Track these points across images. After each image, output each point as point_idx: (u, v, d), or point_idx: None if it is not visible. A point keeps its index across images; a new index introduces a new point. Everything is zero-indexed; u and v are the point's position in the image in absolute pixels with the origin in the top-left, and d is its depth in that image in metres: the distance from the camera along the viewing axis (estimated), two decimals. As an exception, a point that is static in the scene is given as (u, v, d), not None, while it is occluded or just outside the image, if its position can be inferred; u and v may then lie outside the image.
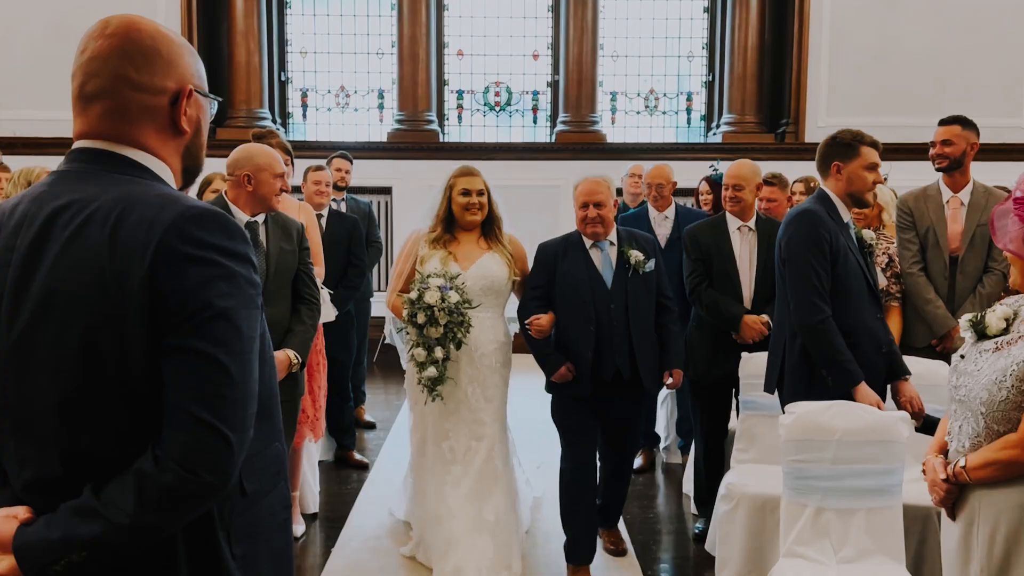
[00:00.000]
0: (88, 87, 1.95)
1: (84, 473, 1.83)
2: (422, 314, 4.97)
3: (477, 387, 5.27)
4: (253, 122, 11.80)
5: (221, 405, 1.80)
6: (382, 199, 11.99)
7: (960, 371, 3.26)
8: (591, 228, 5.11)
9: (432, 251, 5.30)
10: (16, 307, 1.84)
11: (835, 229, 4.56)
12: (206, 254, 1.82)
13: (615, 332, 5.09)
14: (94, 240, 1.80)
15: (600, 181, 5.12)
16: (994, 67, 11.86)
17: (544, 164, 12.08)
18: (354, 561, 5.44)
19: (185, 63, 2.02)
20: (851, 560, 3.96)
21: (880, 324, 4.66)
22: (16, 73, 11.58)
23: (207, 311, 1.80)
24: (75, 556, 1.76)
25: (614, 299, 5.11)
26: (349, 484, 6.93)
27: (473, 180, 5.31)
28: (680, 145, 12.56)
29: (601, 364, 5.10)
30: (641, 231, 5.54)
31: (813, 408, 4.12)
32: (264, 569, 2.06)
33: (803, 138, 12.01)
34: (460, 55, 12.92)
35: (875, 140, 4.63)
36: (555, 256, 5.21)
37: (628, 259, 5.13)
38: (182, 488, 1.77)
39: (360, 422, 8.33)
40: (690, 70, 13.05)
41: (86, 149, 1.97)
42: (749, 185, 5.74)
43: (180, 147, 2.05)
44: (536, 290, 5.24)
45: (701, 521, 5.96)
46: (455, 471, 5.24)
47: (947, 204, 5.76)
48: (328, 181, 7.18)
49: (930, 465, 3.36)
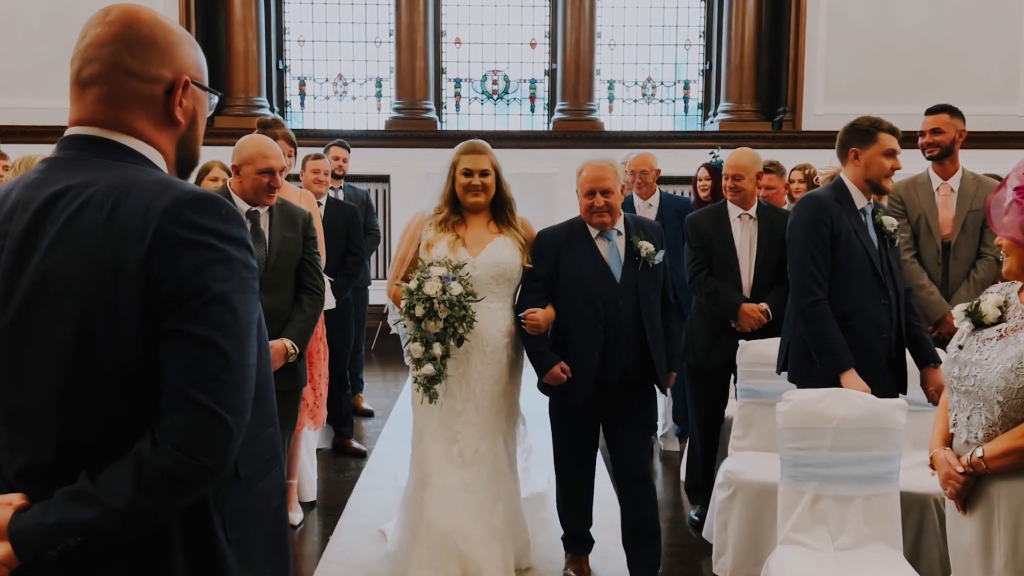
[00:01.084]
0: (85, 72, 1.95)
1: (79, 460, 1.82)
2: (420, 306, 4.56)
3: (487, 384, 4.87)
4: (251, 111, 11.80)
5: (219, 389, 1.79)
6: (380, 187, 12.00)
7: (963, 362, 3.24)
8: (598, 218, 4.73)
9: (439, 234, 4.87)
10: (9, 293, 1.84)
11: (839, 214, 4.60)
12: (203, 238, 1.82)
13: (624, 330, 4.69)
14: (90, 225, 1.80)
15: (606, 166, 4.74)
16: (991, 55, 11.87)
17: (542, 152, 12.08)
18: (352, 549, 5.44)
19: (184, 54, 2.02)
20: (848, 547, 3.97)
21: (885, 310, 4.64)
22: (14, 61, 11.58)
23: (204, 295, 1.79)
24: (71, 541, 1.76)
25: (623, 294, 4.71)
26: (347, 472, 6.93)
27: (477, 159, 4.87)
28: (677, 133, 12.59)
29: (607, 366, 4.71)
30: (647, 219, 5.21)
31: (810, 396, 4.13)
32: (258, 554, 2.06)
33: (800, 126, 12.02)
34: (458, 43, 12.92)
35: (894, 127, 4.65)
36: (558, 246, 4.81)
37: (638, 250, 4.73)
38: (180, 471, 1.77)
39: (358, 410, 8.33)
40: (687, 58, 13.07)
41: (80, 136, 1.97)
42: (749, 174, 5.75)
43: (175, 138, 2.05)
44: (538, 282, 4.82)
45: (695, 509, 5.98)
46: (467, 477, 4.82)
47: (937, 191, 5.79)
48: (326, 169, 7.18)
49: (941, 458, 3.31)
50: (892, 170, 4.63)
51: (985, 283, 5.54)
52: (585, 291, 4.71)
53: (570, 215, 4.95)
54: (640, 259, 4.74)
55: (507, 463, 5.01)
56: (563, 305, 4.80)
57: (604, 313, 4.69)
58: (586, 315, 4.71)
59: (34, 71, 11.30)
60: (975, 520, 3.22)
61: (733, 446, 5.43)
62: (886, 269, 4.66)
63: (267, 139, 4.95)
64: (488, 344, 4.84)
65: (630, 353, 4.72)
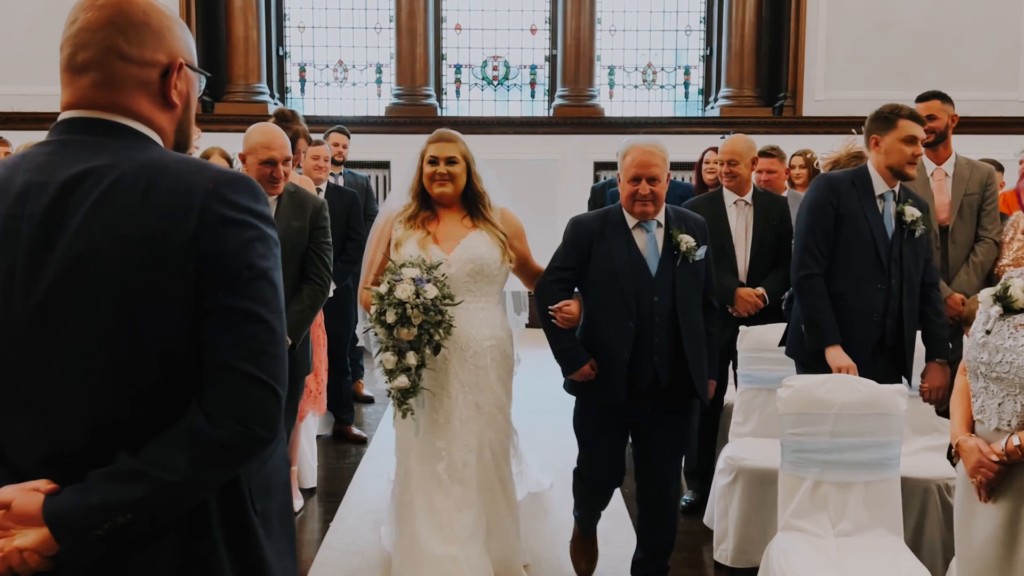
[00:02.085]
0: (78, 58, 1.93)
1: (110, 442, 1.82)
2: (392, 312, 4.13)
3: (470, 393, 4.48)
4: (251, 97, 11.80)
5: (268, 361, 1.85)
6: (380, 173, 11.99)
7: (994, 347, 3.20)
8: (640, 207, 4.32)
9: (408, 232, 4.53)
10: (33, 277, 1.82)
11: (850, 196, 4.69)
12: (242, 217, 1.86)
13: (656, 329, 4.31)
14: (125, 205, 1.80)
15: (655, 151, 4.31)
16: (991, 40, 11.83)
17: (542, 138, 12.06)
18: (352, 535, 5.45)
19: (176, 37, 2.01)
20: (849, 533, 3.96)
21: (881, 294, 4.66)
22: (14, 48, 11.55)
23: (250, 272, 1.84)
24: (120, 519, 1.76)
25: (658, 290, 4.33)
26: (347, 459, 6.94)
27: (444, 147, 4.53)
28: (678, 119, 12.56)
29: (637, 367, 4.34)
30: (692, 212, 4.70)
31: (810, 381, 4.13)
32: (275, 526, 2.08)
33: (801, 112, 11.99)
34: (458, 29, 12.89)
35: (916, 113, 4.69)
36: (591, 235, 4.42)
37: (677, 244, 4.34)
38: (237, 443, 1.82)
39: (358, 396, 8.34)
40: (688, 44, 13.03)
41: (82, 119, 1.95)
42: (744, 160, 5.81)
43: (174, 121, 2.05)
44: (563, 272, 4.47)
45: (689, 493, 6.00)
46: (457, 495, 4.45)
47: (931, 176, 5.80)
48: (326, 156, 7.17)
49: (971, 446, 3.26)
50: (914, 156, 4.64)
51: (984, 266, 5.58)
52: (617, 284, 4.33)
53: (570, 200, 4.86)
54: (679, 254, 4.36)
55: (499, 476, 4.62)
56: (593, 298, 4.44)
57: (636, 309, 4.32)
58: (617, 310, 4.34)
59: (35, 58, 11.26)
60: (1001, 507, 3.19)
61: (734, 432, 5.43)
62: (895, 256, 4.67)
63: (274, 129, 4.92)
64: (468, 348, 4.47)
65: (662, 355, 4.33)
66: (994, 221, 5.66)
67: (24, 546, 1.77)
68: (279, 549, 2.08)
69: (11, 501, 1.79)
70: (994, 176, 5.93)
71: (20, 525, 1.78)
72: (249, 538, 1.98)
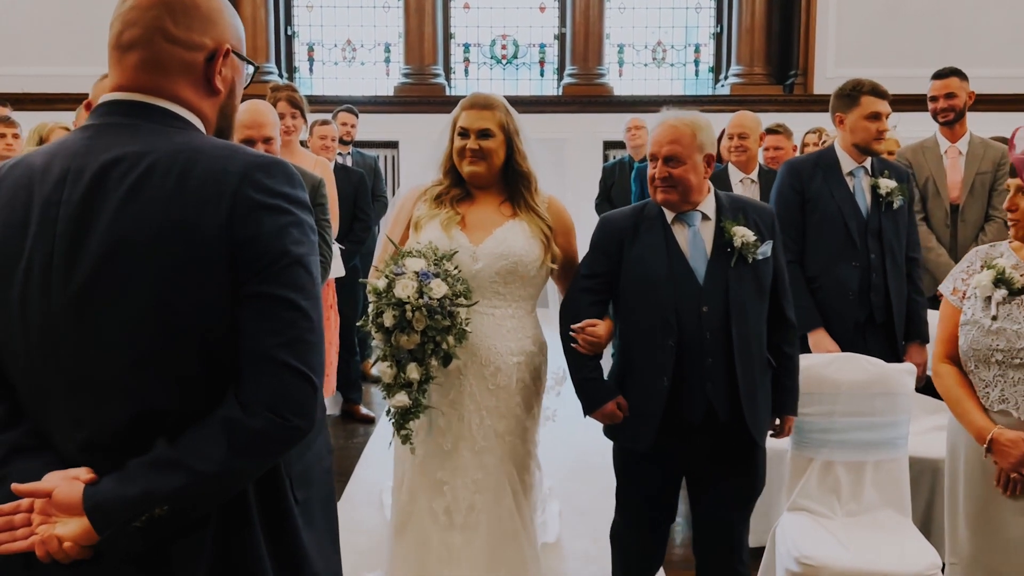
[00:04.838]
0: (125, 36, 1.93)
1: (151, 429, 1.82)
2: (390, 313, 3.36)
3: (489, 418, 3.65)
4: (260, 77, 11.73)
5: (305, 350, 1.84)
6: (388, 153, 11.96)
7: (1011, 333, 3.14)
8: (662, 195, 3.49)
9: (433, 211, 3.71)
10: (73, 262, 1.81)
11: (813, 177, 4.69)
12: (277, 202, 1.85)
13: (709, 350, 3.42)
14: (159, 191, 1.80)
15: (677, 125, 3.46)
16: (1002, 17, 11.74)
17: (551, 117, 11.97)
18: (360, 515, 5.45)
19: (225, 22, 2.01)
20: (857, 513, 3.96)
21: (855, 272, 4.64)
22: (23, 29, 11.51)
23: (285, 258, 1.83)
24: (158, 510, 1.76)
25: (708, 298, 3.44)
26: (355, 438, 6.94)
27: (476, 116, 3.66)
28: (688, 97, 12.46)
29: (684, 398, 3.46)
30: (752, 199, 3.81)
31: (817, 361, 4.12)
32: (317, 515, 2.09)
33: (812, 90, 11.92)
34: (467, 8, 12.82)
35: (877, 87, 4.64)
36: (621, 235, 3.57)
37: (731, 239, 3.45)
38: (273, 433, 1.81)
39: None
40: (698, 21, 12.92)
41: (123, 102, 1.94)
42: (753, 134, 5.82)
43: (216, 106, 2.05)
44: (592, 280, 3.61)
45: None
46: (456, 543, 3.67)
47: (945, 154, 5.79)
48: (334, 136, 7.18)
49: (1012, 439, 3.12)
50: (879, 132, 4.62)
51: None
52: (652, 294, 3.47)
53: (579, 179, 4.69)
54: (734, 251, 3.46)
55: (516, 524, 3.72)
56: (624, 313, 3.60)
57: (678, 325, 3.43)
58: (653, 326, 3.47)
59: (43, 38, 11.26)
60: None
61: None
62: (872, 231, 4.65)
63: (258, 107, 4.68)
64: (491, 364, 3.65)
65: (717, 382, 3.43)
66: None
67: (64, 536, 1.77)
68: (320, 538, 2.09)
69: (52, 490, 1.80)
70: (1007, 156, 5.90)
71: (62, 513, 1.79)
72: (288, 527, 1.98)
